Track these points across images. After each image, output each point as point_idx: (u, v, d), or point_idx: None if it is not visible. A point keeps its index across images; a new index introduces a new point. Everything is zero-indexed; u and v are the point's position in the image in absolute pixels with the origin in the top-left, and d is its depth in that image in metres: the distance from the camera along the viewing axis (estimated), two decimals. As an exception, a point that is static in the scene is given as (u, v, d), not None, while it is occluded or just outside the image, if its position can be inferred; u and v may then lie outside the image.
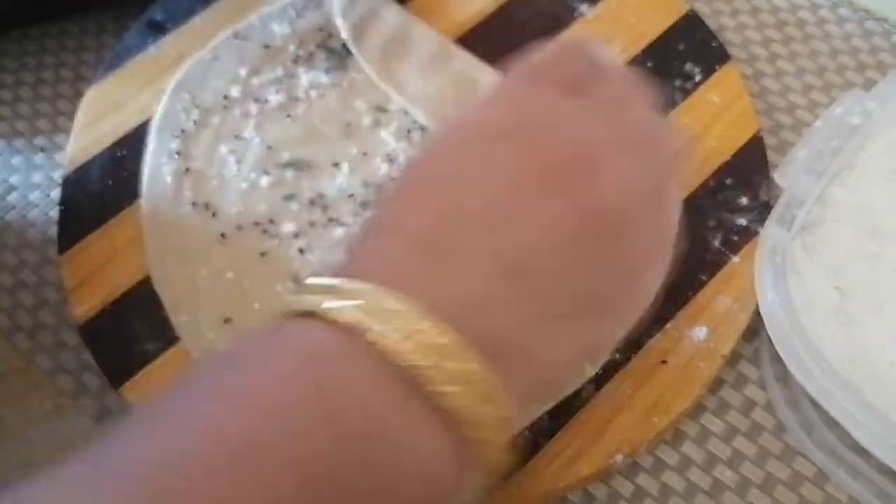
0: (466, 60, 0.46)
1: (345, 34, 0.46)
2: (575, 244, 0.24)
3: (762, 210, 0.41)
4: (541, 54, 0.30)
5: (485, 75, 0.46)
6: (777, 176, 0.39)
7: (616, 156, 0.26)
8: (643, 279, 0.28)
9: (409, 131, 0.44)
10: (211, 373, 0.23)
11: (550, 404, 0.35)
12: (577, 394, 0.37)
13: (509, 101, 0.28)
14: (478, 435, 0.22)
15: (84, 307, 0.40)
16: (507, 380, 0.22)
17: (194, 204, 0.43)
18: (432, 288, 0.23)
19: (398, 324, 0.21)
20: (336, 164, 0.44)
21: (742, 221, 0.41)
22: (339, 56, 0.47)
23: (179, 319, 0.40)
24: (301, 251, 0.41)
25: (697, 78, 0.46)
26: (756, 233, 0.40)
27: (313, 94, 0.46)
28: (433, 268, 0.23)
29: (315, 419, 0.20)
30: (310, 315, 0.23)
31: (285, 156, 0.44)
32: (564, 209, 0.24)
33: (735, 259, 0.40)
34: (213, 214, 0.42)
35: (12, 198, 0.46)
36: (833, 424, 0.36)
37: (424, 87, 0.45)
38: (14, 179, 0.47)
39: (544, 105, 0.27)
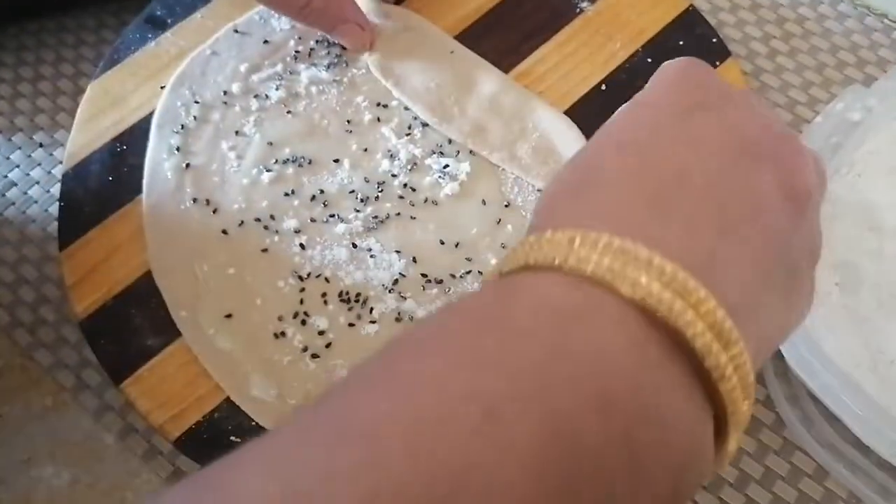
0: (466, 56, 0.46)
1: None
2: (783, 212, 0.24)
3: (762, 206, 0.41)
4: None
5: (485, 71, 0.46)
6: (778, 172, 0.39)
7: (801, 143, 0.26)
8: (812, 273, 0.27)
9: (409, 127, 0.44)
10: (442, 328, 0.21)
11: None
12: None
13: (689, 74, 0.27)
14: (730, 398, 0.21)
15: (84, 303, 0.40)
16: (746, 341, 0.22)
17: (195, 200, 0.43)
18: (666, 241, 0.22)
19: (648, 273, 0.20)
20: (337, 161, 0.44)
21: (742, 217, 0.41)
22: (339, 52, 0.47)
23: (180, 315, 0.40)
24: (302, 247, 0.41)
25: (698, 74, 0.46)
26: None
27: (314, 90, 0.46)
28: (663, 223, 0.22)
29: (568, 379, 0.19)
30: (545, 268, 0.21)
31: (286, 152, 0.44)
32: (773, 181, 0.24)
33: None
34: (214, 210, 0.42)
35: (11, 193, 0.46)
36: (833, 420, 0.36)
37: (425, 83, 0.45)
38: (13, 175, 0.47)
39: (724, 85, 0.27)
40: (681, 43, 0.47)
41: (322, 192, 0.43)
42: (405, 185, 0.43)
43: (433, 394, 0.19)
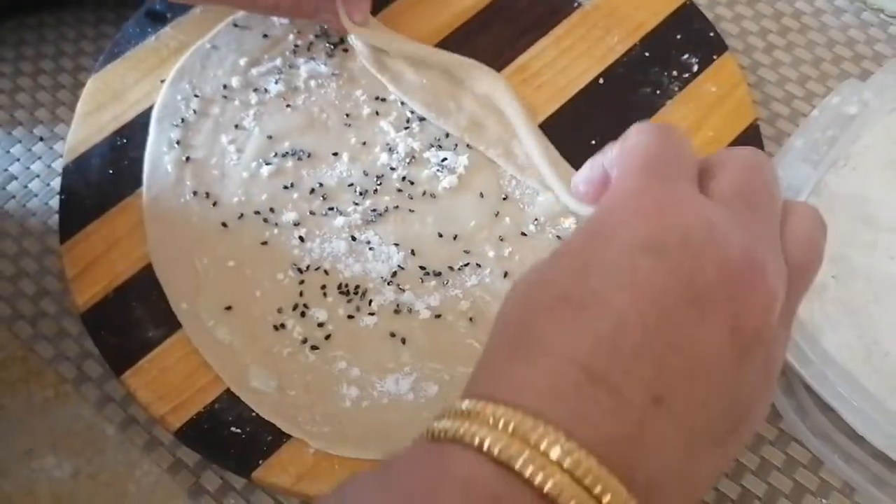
0: (449, 61, 0.46)
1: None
2: (727, 364, 0.23)
3: (759, 199, 0.41)
4: (645, 138, 0.28)
5: (471, 69, 0.46)
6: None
7: (766, 263, 0.25)
8: (774, 383, 0.26)
9: (408, 121, 0.45)
10: (379, 496, 0.22)
11: None
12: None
13: (648, 206, 0.25)
14: None
15: (85, 295, 0.41)
16: None
17: (195, 193, 0.43)
18: (590, 423, 0.22)
19: (561, 470, 0.21)
20: (336, 154, 0.44)
21: (739, 210, 0.41)
22: (337, 41, 0.47)
23: (180, 307, 0.40)
24: (301, 239, 0.42)
25: (695, 68, 0.46)
26: (753, 222, 0.41)
27: (313, 83, 0.46)
28: (589, 399, 0.22)
29: None
30: (471, 446, 0.22)
31: (285, 145, 0.44)
32: (719, 331, 0.23)
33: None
34: (214, 203, 0.43)
35: (12, 187, 0.46)
36: (828, 410, 0.36)
37: (419, 78, 0.46)
38: (14, 169, 0.47)
39: (687, 210, 0.25)
40: (678, 37, 0.47)
41: (321, 185, 0.43)
42: (404, 178, 0.43)
43: None
